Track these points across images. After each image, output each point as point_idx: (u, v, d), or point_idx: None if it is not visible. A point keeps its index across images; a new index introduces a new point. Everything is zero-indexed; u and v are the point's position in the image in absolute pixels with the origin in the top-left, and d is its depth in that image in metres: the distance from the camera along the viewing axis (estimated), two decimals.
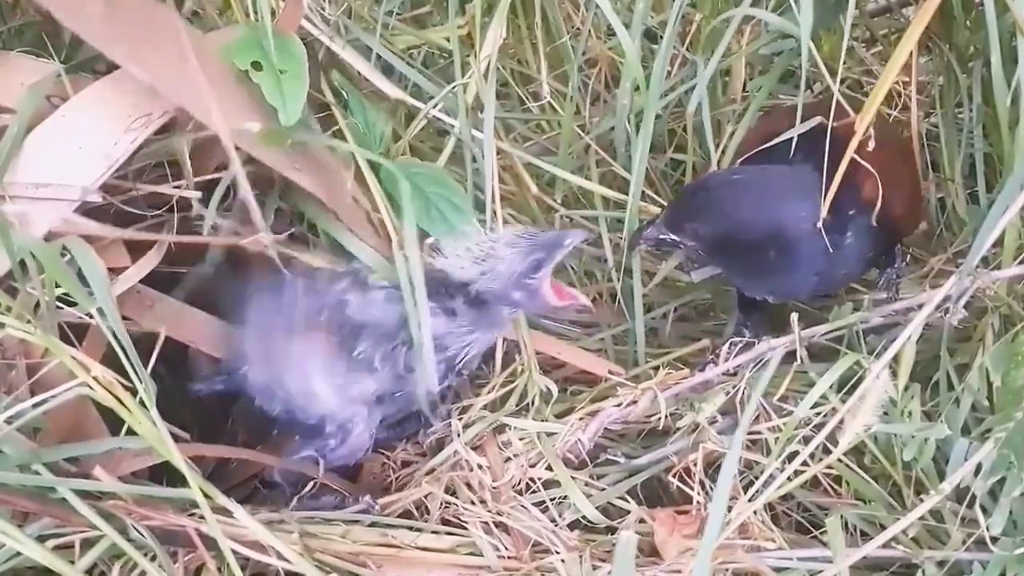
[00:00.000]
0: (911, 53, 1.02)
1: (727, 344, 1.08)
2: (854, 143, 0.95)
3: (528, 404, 1.09)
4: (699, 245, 1.08)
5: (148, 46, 1.00)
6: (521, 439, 1.06)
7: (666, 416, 1.04)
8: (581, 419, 1.05)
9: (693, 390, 1.06)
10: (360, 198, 1.11)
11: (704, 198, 1.07)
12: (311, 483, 1.05)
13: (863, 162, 0.98)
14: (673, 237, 1.09)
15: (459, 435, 1.07)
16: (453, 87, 1.14)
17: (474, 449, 1.05)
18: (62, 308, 0.93)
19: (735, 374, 1.05)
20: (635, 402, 1.04)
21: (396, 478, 1.11)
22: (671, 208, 1.10)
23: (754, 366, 1.03)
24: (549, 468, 1.03)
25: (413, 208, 1.03)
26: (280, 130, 1.03)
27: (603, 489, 1.03)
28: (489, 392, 1.11)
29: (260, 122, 1.00)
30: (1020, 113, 0.98)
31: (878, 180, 1.01)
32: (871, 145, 0.97)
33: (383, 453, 1.12)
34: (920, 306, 0.94)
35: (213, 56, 1.04)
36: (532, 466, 1.03)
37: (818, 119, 1.04)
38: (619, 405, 1.05)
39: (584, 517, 1.00)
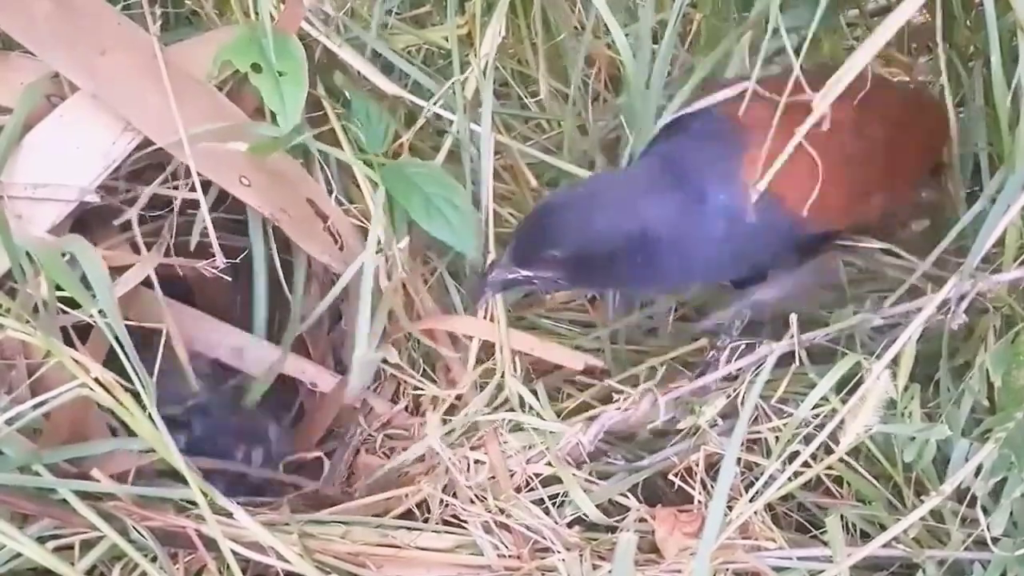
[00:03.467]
0: (911, 51, 1.02)
1: (727, 349, 1.07)
2: (810, 124, 0.85)
3: (505, 403, 1.08)
4: (559, 273, 0.99)
5: (97, 54, 1.00)
6: (519, 437, 1.06)
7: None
8: (581, 423, 1.04)
9: (693, 393, 1.05)
10: (323, 206, 1.10)
11: (553, 221, 0.99)
12: None
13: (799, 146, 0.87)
14: (525, 273, 1.00)
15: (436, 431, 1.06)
16: (451, 83, 1.14)
17: (476, 448, 1.05)
18: (65, 309, 0.93)
19: (736, 377, 1.05)
20: (636, 404, 1.04)
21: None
22: (517, 242, 1.00)
23: (755, 369, 1.03)
24: (549, 464, 1.03)
25: (385, 214, 1.06)
26: (266, 143, 1.03)
27: (603, 487, 1.03)
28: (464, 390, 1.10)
29: (225, 130, 1.00)
30: (1020, 113, 0.98)
31: (800, 163, 0.90)
32: (825, 125, 0.87)
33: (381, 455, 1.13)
34: (919, 308, 0.94)
35: (178, 65, 1.03)
36: (533, 463, 1.03)
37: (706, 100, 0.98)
38: (620, 408, 1.04)
39: (585, 515, 1.00)
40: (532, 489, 1.02)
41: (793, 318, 0.93)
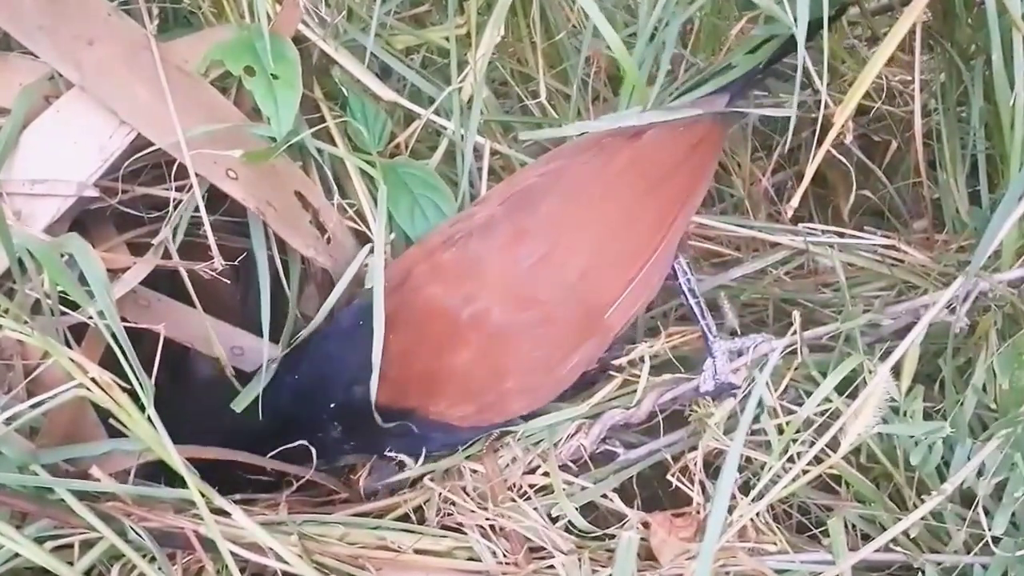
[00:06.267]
0: (914, 52, 1.01)
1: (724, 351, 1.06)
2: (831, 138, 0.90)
3: None
4: None
5: (84, 44, 0.99)
6: (519, 441, 1.05)
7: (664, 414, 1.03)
8: (582, 423, 1.04)
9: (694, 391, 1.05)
10: (313, 200, 1.10)
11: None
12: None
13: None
14: None
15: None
16: (449, 91, 1.14)
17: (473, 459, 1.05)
18: (63, 310, 0.93)
19: (738, 370, 1.04)
20: (639, 404, 1.04)
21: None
22: None
23: (758, 366, 1.02)
24: (545, 475, 1.02)
25: (386, 211, 1.06)
26: (261, 150, 1.02)
27: (603, 495, 1.02)
28: None
29: (217, 128, 0.99)
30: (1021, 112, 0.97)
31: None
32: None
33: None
34: (925, 306, 0.94)
35: (170, 60, 1.02)
36: (531, 472, 1.03)
37: None
38: (623, 407, 1.04)
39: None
40: (528, 498, 1.01)
41: (796, 315, 0.92)
